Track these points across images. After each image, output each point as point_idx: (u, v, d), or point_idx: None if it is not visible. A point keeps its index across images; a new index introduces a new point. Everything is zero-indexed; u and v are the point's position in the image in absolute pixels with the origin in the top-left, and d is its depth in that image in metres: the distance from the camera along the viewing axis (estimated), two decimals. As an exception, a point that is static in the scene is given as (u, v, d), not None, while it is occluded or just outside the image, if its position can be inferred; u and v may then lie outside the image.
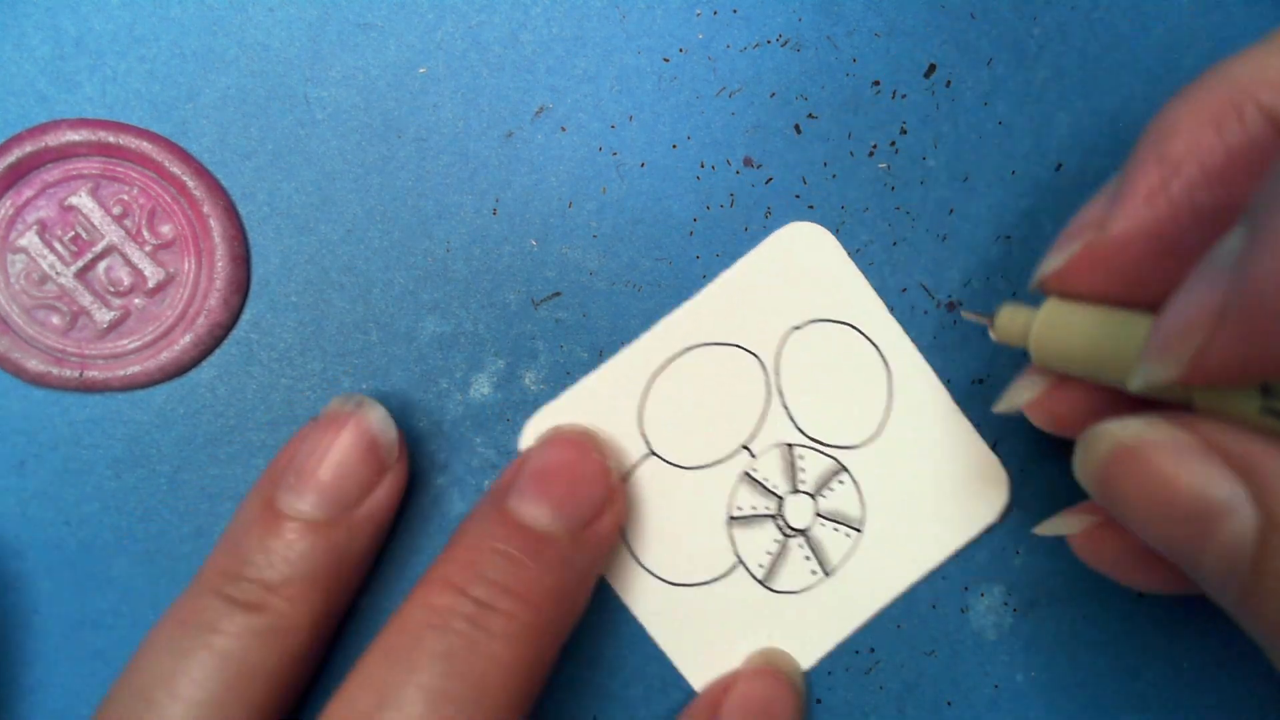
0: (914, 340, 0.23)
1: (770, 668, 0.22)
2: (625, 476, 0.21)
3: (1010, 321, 0.19)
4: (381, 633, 0.19)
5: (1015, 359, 0.24)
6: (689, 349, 0.23)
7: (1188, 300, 0.14)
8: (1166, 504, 0.14)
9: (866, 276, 0.23)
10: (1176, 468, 0.14)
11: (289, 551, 0.19)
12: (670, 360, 0.23)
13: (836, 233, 0.23)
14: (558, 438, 0.21)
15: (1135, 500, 0.15)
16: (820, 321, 0.23)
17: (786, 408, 0.23)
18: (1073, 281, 0.17)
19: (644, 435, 0.23)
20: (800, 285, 0.23)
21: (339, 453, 0.20)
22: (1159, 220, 0.16)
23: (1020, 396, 0.20)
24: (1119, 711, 0.24)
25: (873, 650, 0.24)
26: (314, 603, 0.19)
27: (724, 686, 0.22)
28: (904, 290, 0.23)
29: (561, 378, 0.23)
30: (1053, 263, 0.18)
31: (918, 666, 0.24)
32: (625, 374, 0.23)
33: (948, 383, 0.23)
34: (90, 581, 0.23)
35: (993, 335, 0.19)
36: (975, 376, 0.24)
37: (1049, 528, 0.20)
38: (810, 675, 0.23)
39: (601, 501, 0.20)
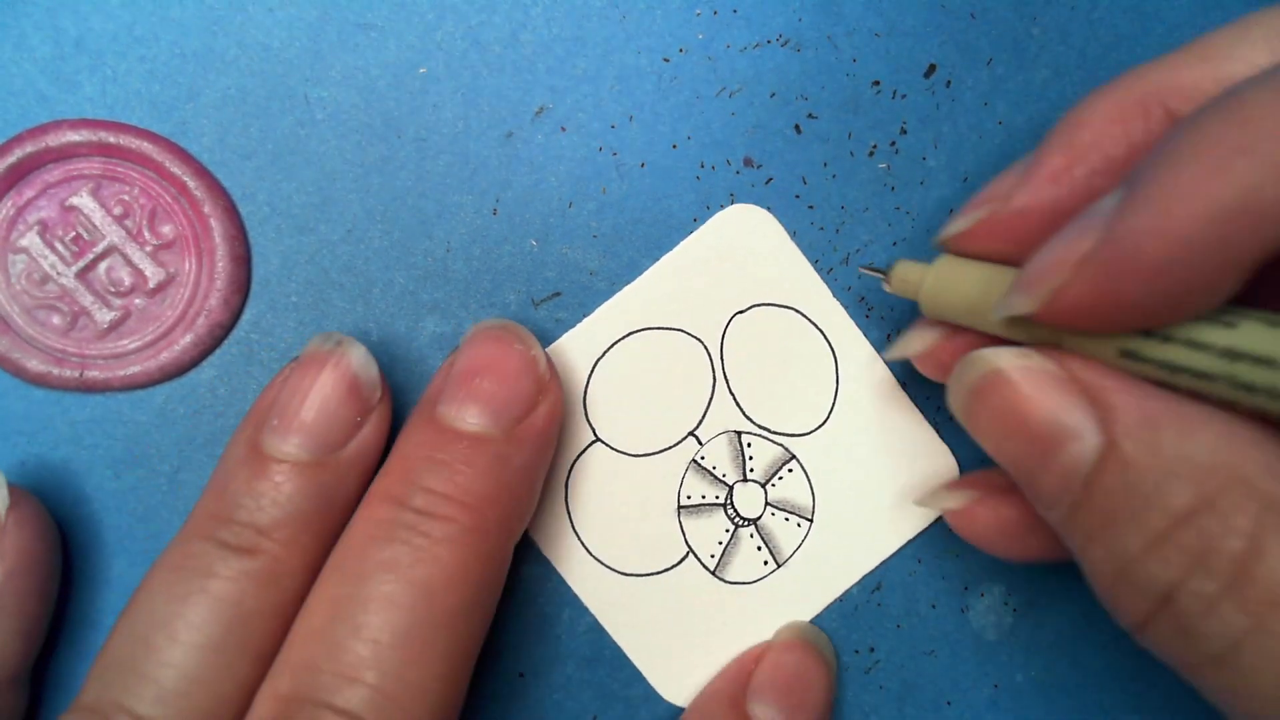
0: (859, 325, 0.23)
1: (801, 640, 0.22)
2: (553, 367, 0.21)
3: (905, 275, 0.20)
4: (332, 554, 0.19)
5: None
6: (632, 333, 0.23)
7: (1057, 245, 0.16)
8: (1020, 425, 0.16)
9: (866, 278, 0.23)
10: (1035, 392, 0.16)
11: (277, 494, 0.19)
12: (613, 345, 0.23)
13: (836, 233, 0.23)
14: (479, 335, 0.21)
15: (993, 421, 0.17)
16: (764, 305, 0.23)
17: (733, 394, 0.23)
18: (971, 243, 0.19)
19: (589, 421, 0.23)
20: (743, 268, 0.23)
21: (321, 393, 0.20)
22: (1059, 199, 0.18)
23: (911, 346, 0.21)
24: (1119, 711, 0.24)
25: (873, 650, 0.24)
26: (305, 544, 0.19)
27: (754, 657, 0.23)
28: (904, 290, 0.23)
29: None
30: (957, 225, 0.19)
31: (918, 666, 0.24)
32: (568, 359, 0.23)
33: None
34: (90, 581, 0.23)
35: (886, 288, 0.21)
36: (975, 376, 0.24)
37: (927, 501, 0.22)
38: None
39: (532, 395, 0.20)
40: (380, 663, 0.17)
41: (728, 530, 0.23)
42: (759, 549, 0.23)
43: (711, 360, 0.23)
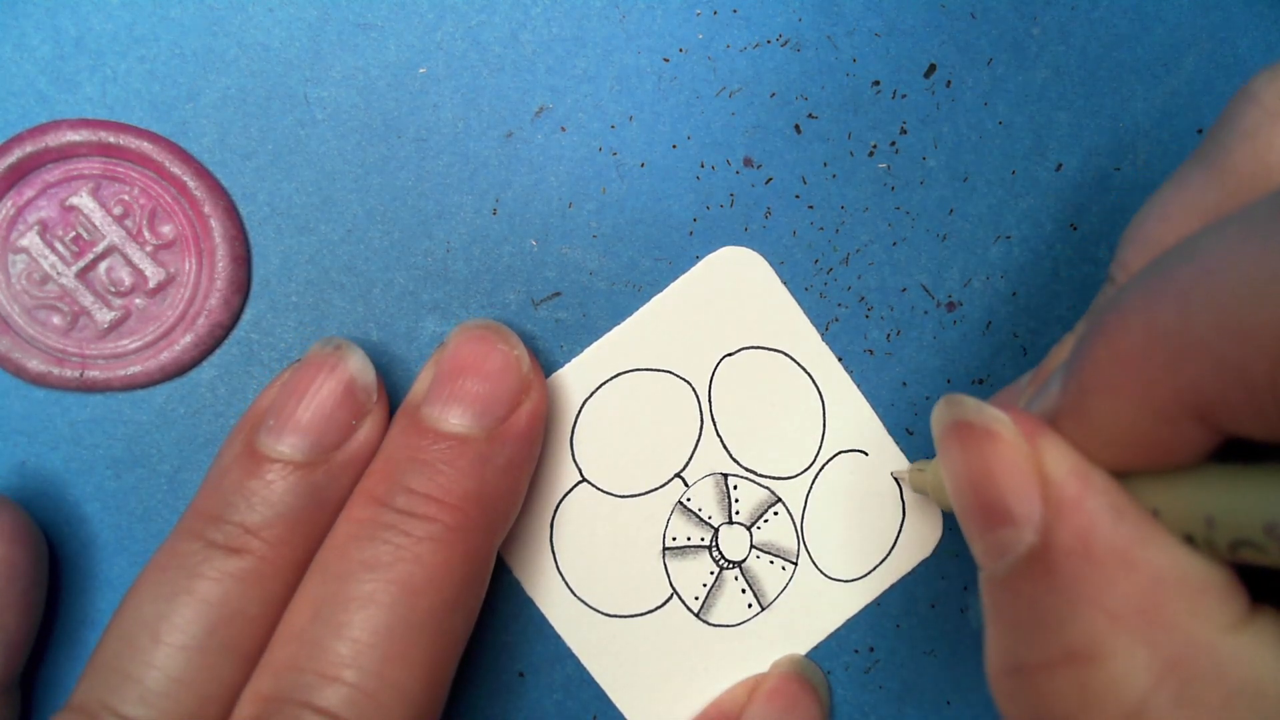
0: (848, 369, 0.23)
1: (796, 674, 0.23)
2: (537, 367, 0.21)
3: (917, 472, 0.22)
4: (316, 555, 0.19)
5: (1015, 360, 0.24)
6: (620, 374, 0.23)
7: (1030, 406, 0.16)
8: (973, 488, 0.16)
9: (866, 278, 0.23)
10: (995, 465, 0.15)
11: (268, 492, 0.19)
12: (601, 385, 0.23)
13: (836, 233, 0.23)
14: (462, 335, 0.21)
15: (952, 465, 0.16)
16: (752, 349, 0.23)
17: (720, 436, 0.23)
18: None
19: (576, 461, 0.23)
20: (732, 311, 0.23)
21: (317, 394, 0.20)
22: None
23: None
24: (1119, 711, 0.24)
25: (873, 650, 0.24)
26: (294, 544, 0.19)
27: (747, 689, 0.23)
28: (904, 290, 0.23)
29: (561, 378, 0.23)
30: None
31: (918, 666, 0.24)
32: (556, 399, 0.23)
33: (947, 383, 0.24)
34: (90, 581, 0.23)
35: (910, 489, 0.23)
36: (976, 377, 0.24)
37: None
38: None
39: (515, 394, 0.20)
40: (359, 661, 0.18)
41: (712, 572, 0.23)
42: (743, 591, 0.23)
43: (699, 402, 0.23)
